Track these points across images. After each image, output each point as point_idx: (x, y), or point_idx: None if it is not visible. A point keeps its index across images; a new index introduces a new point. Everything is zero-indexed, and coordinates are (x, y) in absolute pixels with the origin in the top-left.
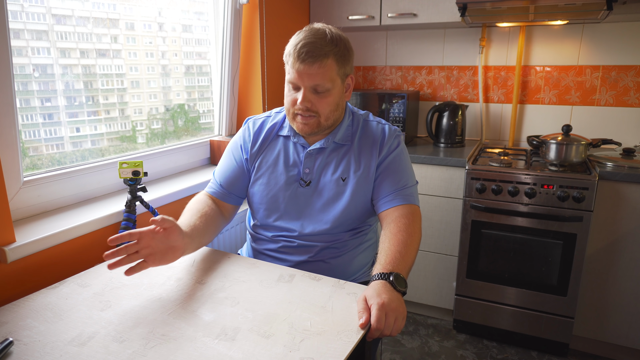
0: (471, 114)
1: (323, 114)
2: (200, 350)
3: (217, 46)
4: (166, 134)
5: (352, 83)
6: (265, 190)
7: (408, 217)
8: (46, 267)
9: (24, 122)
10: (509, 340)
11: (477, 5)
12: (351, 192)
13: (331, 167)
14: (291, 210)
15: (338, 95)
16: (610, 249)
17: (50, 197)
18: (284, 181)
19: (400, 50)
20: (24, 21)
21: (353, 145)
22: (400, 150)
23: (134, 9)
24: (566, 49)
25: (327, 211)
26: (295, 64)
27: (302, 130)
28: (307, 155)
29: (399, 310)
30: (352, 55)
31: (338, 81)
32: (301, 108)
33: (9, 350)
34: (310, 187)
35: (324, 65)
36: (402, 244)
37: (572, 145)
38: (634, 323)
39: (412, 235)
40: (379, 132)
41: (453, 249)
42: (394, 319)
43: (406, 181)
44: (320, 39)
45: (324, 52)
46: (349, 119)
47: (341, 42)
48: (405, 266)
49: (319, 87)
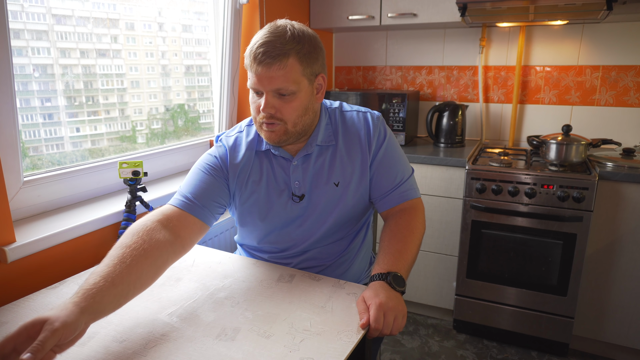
0: (471, 114)
1: (290, 120)
2: (200, 350)
3: (217, 46)
4: (166, 134)
5: (325, 83)
6: (256, 212)
7: (409, 212)
8: (46, 267)
9: (24, 122)
10: (509, 340)
11: (477, 5)
12: (347, 195)
13: (321, 174)
14: (289, 229)
15: (306, 98)
16: (610, 249)
17: (50, 197)
18: (276, 200)
19: (400, 50)
20: (24, 21)
21: (338, 145)
22: (388, 140)
23: (134, 9)
24: (566, 49)
25: (325, 220)
26: (253, 66)
27: (269, 139)
28: (294, 169)
29: (398, 308)
30: (320, 52)
31: (304, 82)
32: (265, 116)
33: None
34: (304, 201)
35: (284, 66)
36: (402, 241)
37: (572, 145)
38: (634, 323)
39: (413, 232)
40: (362, 123)
41: (453, 249)
42: (392, 317)
43: (402, 174)
44: (279, 37)
45: (284, 51)
46: (326, 118)
47: (305, 39)
48: (404, 265)
49: (282, 90)
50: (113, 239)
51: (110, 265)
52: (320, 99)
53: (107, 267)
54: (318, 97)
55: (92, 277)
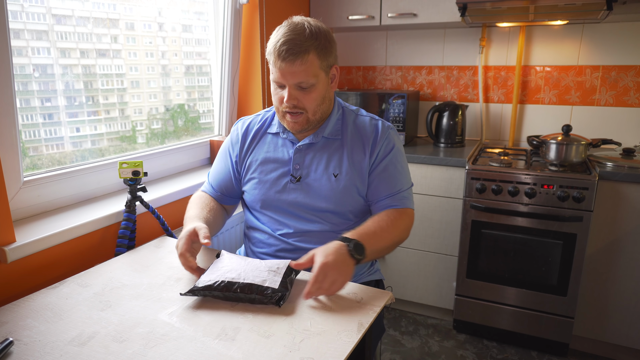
0: (471, 114)
1: (310, 109)
2: (200, 350)
3: (217, 46)
4: (166, 134)
5: (338, 73)
6: (257, 189)
7: (400, 214)
8: (46, 267)
9: (24, 122)
10: (509, 340)
11: (477, 5)
12: (343, 188)
13: (322, 162)
14: (283, 207)
15: (324, 88)
16: (610, 248)
17: (50, 197)
18: (275, 178)
19: (400, 50)
20: (24, 21)
21: (344, 141)
22: (396, 151)
23: (134, 9)
24: (566, 49)
25: (320, 208)
26: (277, 62)
27: (292, 128)
28: (297, 151)
29: (340, 273)
30: (334, 45)
31: (322, 75)
32: (288, 106)
33: (9, 350)
34: (301, 183)
35: (305, 62)
36: (382, 228)
37: (572, 145)
38: (634, 323)
39: (396, 228)
40: (371, 128)
41: (453, 249)
42: (332, 280)
43: (402, 185)
44: (300, 35)
45: (304, 47)
46: (338, 113)
47: (321, 35)
48: (373, 244)
49: (303, 84)
50: (113, 239)
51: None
52: (334, 88)
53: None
54: (333, 86)
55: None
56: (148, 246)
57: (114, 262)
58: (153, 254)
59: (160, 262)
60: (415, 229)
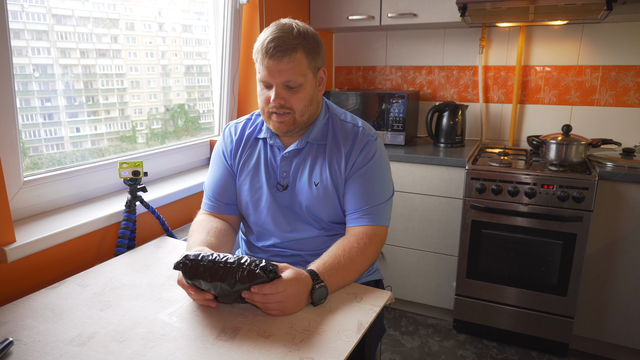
0: (471, 114)
1: (297, 110)
2: (200, 350)
3: (217, 46)
4: (166, 134)
5: (325, 77)
6: (249, 195)
7: (370, 237)
8: (46, 267)
9: (24, 122)
10: (509, 340)
11: (477, 5)
12: (323, 197)
13: (306, 170)
14: (274, 214)
15: (311, 89)
16: (610, 249)
17: (50, 197)
18: (265, 185)
19: (400, 50)
20: (24, 21)
21: (327, 146)
22: (376, 161)
23: (134, 9)
24: (566, 49)
25: (305, 217)
26: (264, 60)
27: (278, 129)
28: (283, 159)
29: (288, 308)
30: (321, 48)
31: (310, 75)
32: (275, 105)
33: (9, 350)
34: (288, 191)
35: (293, 60)
36: (351, 260)
37: (572, 145)
38: (634, 323)
39: (365, 258)
40: (351, 135)
41: (453, 249)
42: (278, 310)
43: (378, 197)
44: (287, 33)
45: (292, 45)
46: (324, 118)
47: (309, 35)
48: (339, 282)
49: (290, 83)
50: (113, 239)
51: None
52: (321, 91)
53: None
54: (320, 89)
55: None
56: (148, 246)
57: (114, 262)
58: (153, 254)
59: (160, 262)
60: (415, 229)
